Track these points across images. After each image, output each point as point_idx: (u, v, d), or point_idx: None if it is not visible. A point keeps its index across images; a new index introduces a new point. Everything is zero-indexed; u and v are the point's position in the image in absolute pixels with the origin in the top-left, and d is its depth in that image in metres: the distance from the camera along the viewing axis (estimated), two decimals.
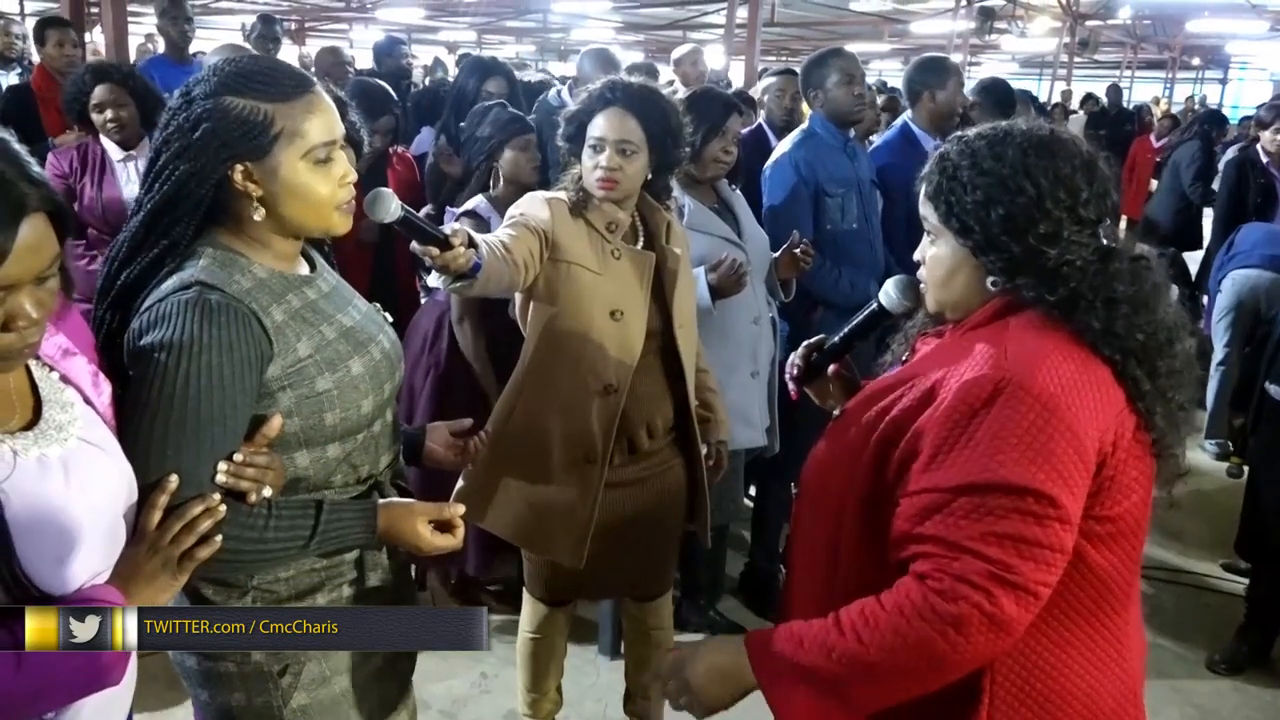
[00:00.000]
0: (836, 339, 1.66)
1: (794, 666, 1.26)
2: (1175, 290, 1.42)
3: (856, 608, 1.24)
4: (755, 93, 4.61)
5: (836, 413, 1.58)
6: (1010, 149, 1.28)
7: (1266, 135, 5.38)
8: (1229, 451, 4.93)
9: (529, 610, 2.43)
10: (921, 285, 1.44)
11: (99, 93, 3.33)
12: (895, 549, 1.27)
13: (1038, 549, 1.18)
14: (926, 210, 1.37)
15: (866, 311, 1.61)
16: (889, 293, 1.54)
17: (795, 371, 1.70)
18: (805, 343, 1.70)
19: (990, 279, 1.32)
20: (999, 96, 4.16)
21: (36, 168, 1.10)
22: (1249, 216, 5.16)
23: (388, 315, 1.64)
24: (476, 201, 2.89)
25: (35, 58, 5.24)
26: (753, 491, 3.55)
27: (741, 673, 1.31)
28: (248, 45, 5.53)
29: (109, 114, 3.33)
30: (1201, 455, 4.99)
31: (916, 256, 1.43)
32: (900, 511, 1.27)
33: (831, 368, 1.68)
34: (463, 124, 3.14)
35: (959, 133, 1.37)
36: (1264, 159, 5.45)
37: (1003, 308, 1.32)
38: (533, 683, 2.49)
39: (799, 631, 1.27)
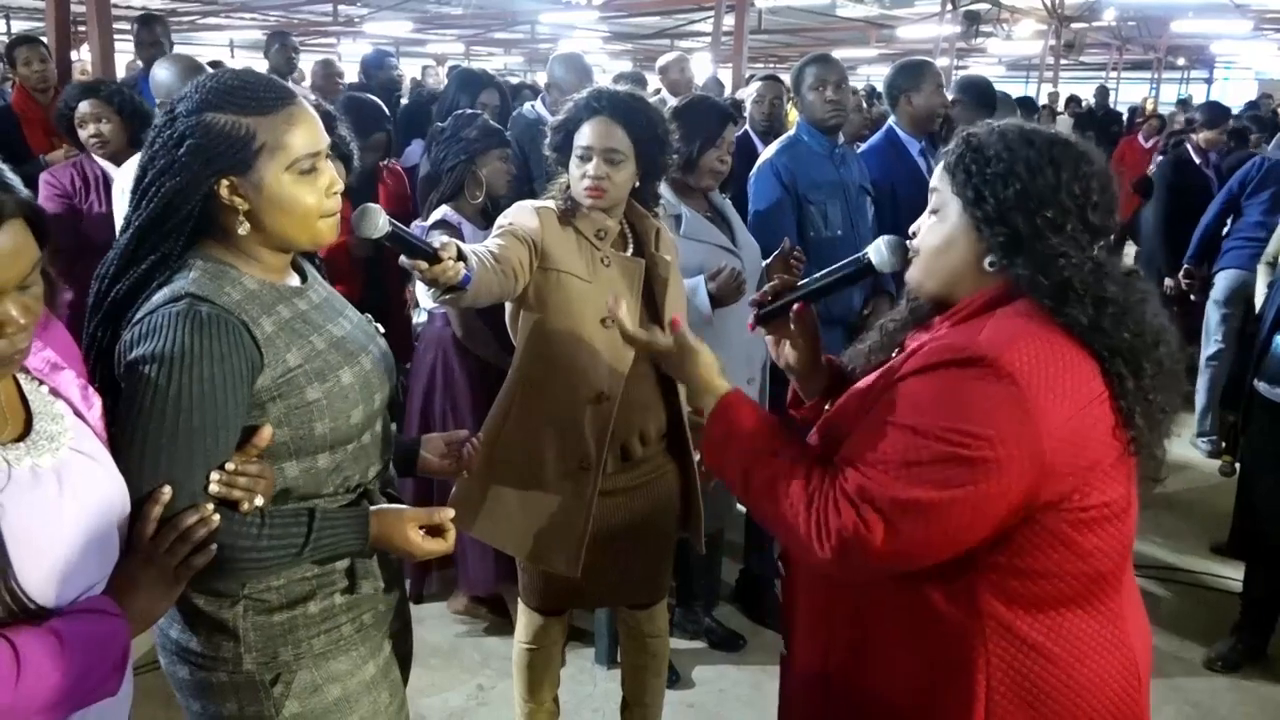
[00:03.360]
0: (813, 280, 1.61)
1: (727, 442, 1.48)
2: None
3: (793, 466, 1.36)
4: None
5: (827, 408, 1.59)
6: (1039, 138, 1.33)
7: (1204, 135, 5.69)
8: (1221, 449, 4.95)
9: (524, 621, 2.43)
10: (911, 253, 1.45)
11: (82, 108, 3.34)
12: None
13: (923, 473, 1.22)
14: (940, 181, 1.39)
15: (852, 263, 1.57)
16: (880, 249, 1.52)
17: (761, 298, 1.65)
18: (779, 276, 1.67)
19: (988, 259, 1.34)
20: (980, 94, 4.20)
21: (10, 175, 1.11)
22: (1189, 212, 5.27)
23: (379, 326, 1.65)
24: (444, 211, 2.89)
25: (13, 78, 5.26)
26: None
27: (704, 400, 1.54)
28: (266, 60, 5.60)
29: (91, 129, 3.34)
30: (1194, 454, 5.00)
31: (912, 229, 1.45)
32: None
33: (796, 307, 1.63)
34: (441, 125, 3.12)
35: (991, 121, 1.39)
36: (1196, 158, 5.66)
37: (989, 301, 1.34)
38: (529, 693, 2.48)
39: (748, 438, 1.45)
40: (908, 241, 1.46)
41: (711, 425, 1.50)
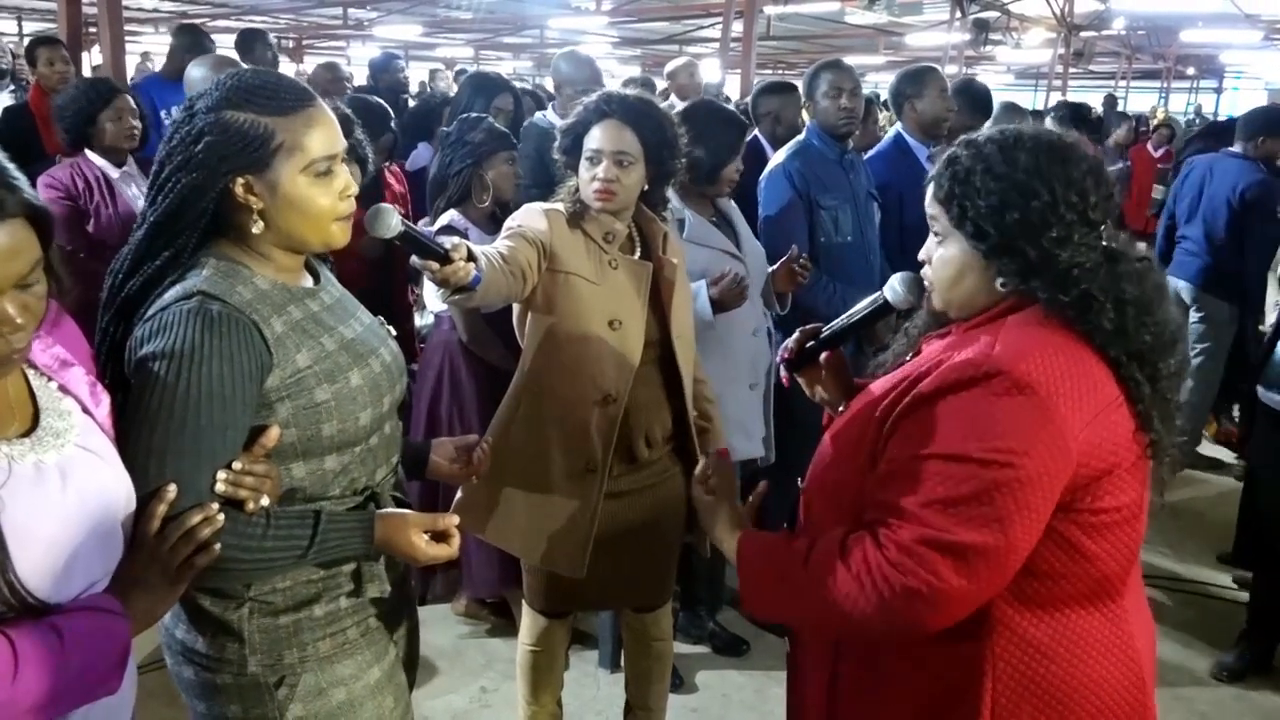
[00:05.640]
0: (834, 327, 1.65)
1: (760, 574, 1.45)
2: None
3: (824, 554, 1.31)
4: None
5: (841, 408, 1.59)
6: (1023, 153, 1.30)
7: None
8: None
9: (528, 623, 2.43)
10: (927, 284, 1.45)
11: (122, 102, 3.36)
12: (866, 512, 1.32)
13: (979, 512, 1.20)
14: (935, 211, 1.38)
15: (869, 304, 1.61)
16: (895, 288, 1.55)
17: (787, 354, 1.69)
18: (801, 328, 1.70)
19: (1000, 280, 1.33)
20: (974, 98, 4.27)
21: (15, 173, 1.11)
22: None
23: (391, 329, 1.65)
24: (451, 216, 2.90)
25: (31, 77, 5.26)
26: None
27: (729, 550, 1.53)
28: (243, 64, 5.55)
29: (131, 122, 3.37)
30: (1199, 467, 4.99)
31: (921, 256, 1.44)
32: (872, 479, 1.32)
33: (824, 355, 1.68)
34: (447, 129, 3.14)
35: (966, 136, 1.39)
36: None
37: (1006, 307, 1.34)
38: (532, 696, 2.48)
39: (774, 554, 1.42)
40: (922, 271, 1.46)
41: (741, 578, 1.49)
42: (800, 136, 3.38)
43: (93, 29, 7.05)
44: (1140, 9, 14.21)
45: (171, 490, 1.27)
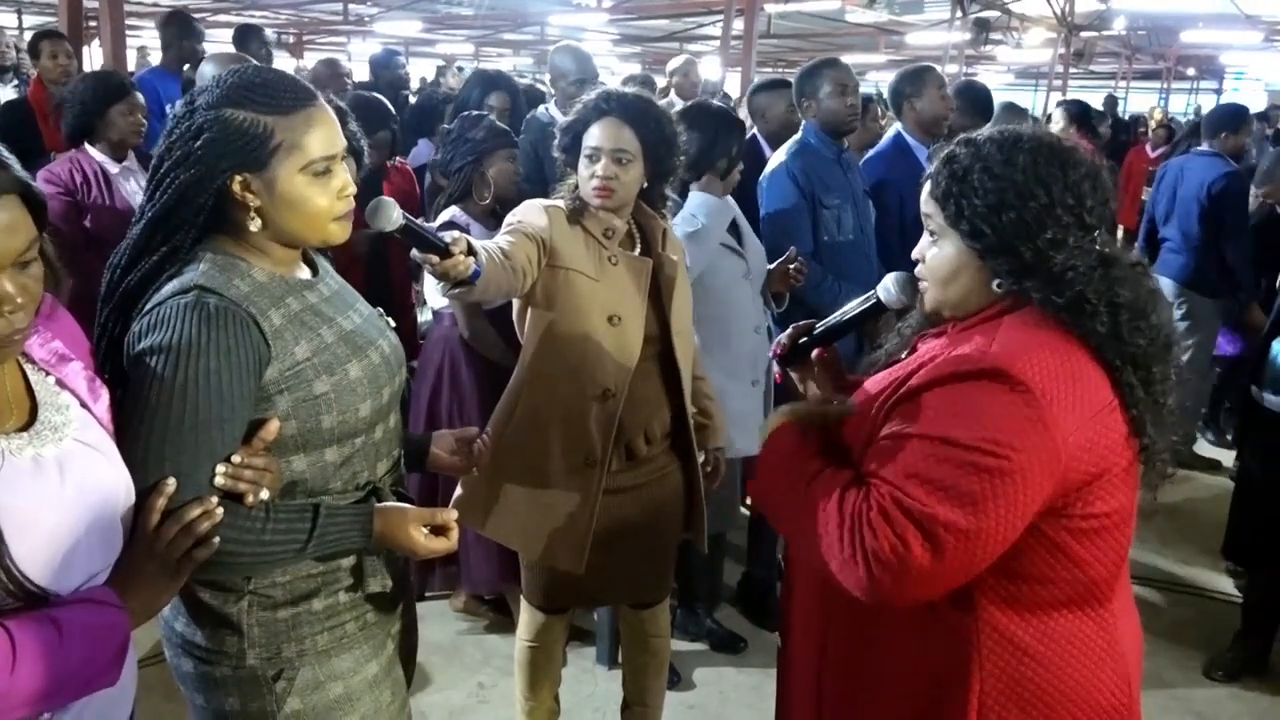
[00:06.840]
0: (827, 324, 1.64)
1: (774, 470, 1.46)
2: None
3: (828, 486, 1.32)
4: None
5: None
6: (1022, 154, 1.30)
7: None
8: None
9: (527, 619, 2.43)
10: (921, 283, 1.45)
11: (135, 98, 3.38)
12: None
13: (956, 493, 1.21)
14: (931, 209, 1.38)
15: (862, 303, 1.60)
16: (888, 288, 1.54)
17: (780, 350, 1.69)
18: (794, 324, 1.70)
19: (995, 281, 1.34)
20: (974, 99, 4.31)
21: (6, 154, 1.11)
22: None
23: (390, 320, 1.65)
24: (453, 212, 2.91)
25: (32, 71, 5.25)
26: (750, 500, 3.57)
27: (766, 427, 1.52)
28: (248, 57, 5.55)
29: (141, 118, 3.38)
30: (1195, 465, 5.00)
31: (915, 254, 1.44)
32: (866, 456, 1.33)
33: (816, 352, 1.67)
34: (448, 126, 3.15)
35: (965, 135, 1.38)
36: None
37: (1002, 308, 1.34)
38: (530, 692, 2.48)
39: (794, 460, 1.42)
40: (916, 270, 1.46)
41: (759, 461, 1.50)
42: (798, 136, 3.39)
43: (93, 23, 7.05)
44: (1141, 9, 14.22)
45: (171, 484, 1.27)
